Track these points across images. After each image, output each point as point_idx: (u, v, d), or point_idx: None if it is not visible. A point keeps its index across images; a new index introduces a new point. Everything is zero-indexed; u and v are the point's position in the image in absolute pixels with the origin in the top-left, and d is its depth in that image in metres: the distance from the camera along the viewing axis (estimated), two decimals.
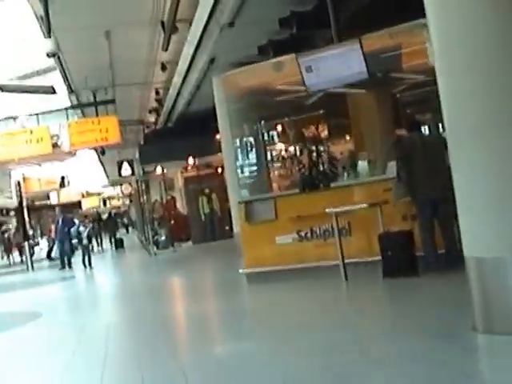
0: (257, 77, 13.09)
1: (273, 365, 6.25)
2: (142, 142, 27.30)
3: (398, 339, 6.45)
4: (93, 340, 9.47)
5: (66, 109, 22.60)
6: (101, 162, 36.64)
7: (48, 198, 52.09)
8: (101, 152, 25.45)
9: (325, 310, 8.71)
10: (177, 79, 18.42)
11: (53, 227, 27.72)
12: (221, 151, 17.85)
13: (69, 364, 7.76)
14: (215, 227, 26.73)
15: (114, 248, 36.38)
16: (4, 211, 48.72)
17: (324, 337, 7.04)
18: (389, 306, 9.04)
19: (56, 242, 26.43)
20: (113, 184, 57.15)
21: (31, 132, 22.06)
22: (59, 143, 22.26)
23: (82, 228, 23.60)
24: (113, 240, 37.39)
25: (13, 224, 40.44)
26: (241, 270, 12.18)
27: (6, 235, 38.87)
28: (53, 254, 28.83)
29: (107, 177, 49.52)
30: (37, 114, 22.41)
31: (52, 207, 32.38)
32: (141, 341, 8.71)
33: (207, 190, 27.38)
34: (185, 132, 22.82)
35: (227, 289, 12.77)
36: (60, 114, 22.74)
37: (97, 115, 21.88)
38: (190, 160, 26.83)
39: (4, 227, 41.66)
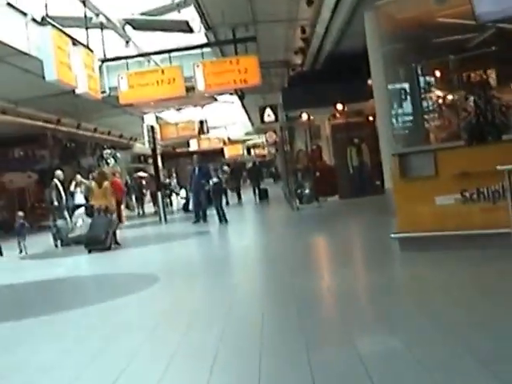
0: (416, 8, 11.80)
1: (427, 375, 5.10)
2: (285, 86, 26.44)
3: None
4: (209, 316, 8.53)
5: (202, 46, 21.92)
6: (244, 107, 36.24)
7: (188, 145, 52.44)
8: (240, 96, 24.79)
9: (499, 294, 7.37)
10: (324, 14, 17.52)
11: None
12: (373, 97, 16.77)
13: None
14: (365, 181, 25.61)
15: (257, 199, 36.16)
16: (142, 158, 49.40)
17: (503, 337, 5.77)
18: None
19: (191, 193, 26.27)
20: (257, 132, 57.27)
21: (162, 72, 21.49)
22: (194, 85, 21.49)
23: (213, 180, 22.98)
24: (256, 191, 37.00)
25: (150, 172, 40.71)
26: (393, 235, 11.07)
27: (143, 182, 39.14)
28: (190, 206, 28.86)
29: (252, 124, 49.43)
30: (169, 51, 21.79)
31: (192, 154, 32.20)
32: (268, 320, 7.66)
33: (357, 140, 26.36)
34: (333, 75, 21.98)
35: (376, 256, 11.73)
36: (195, 54, 22.13)
37: (236, 54, 21.13)
38: (339, 106, 25.66)
39: (136, 174, 41.89)
